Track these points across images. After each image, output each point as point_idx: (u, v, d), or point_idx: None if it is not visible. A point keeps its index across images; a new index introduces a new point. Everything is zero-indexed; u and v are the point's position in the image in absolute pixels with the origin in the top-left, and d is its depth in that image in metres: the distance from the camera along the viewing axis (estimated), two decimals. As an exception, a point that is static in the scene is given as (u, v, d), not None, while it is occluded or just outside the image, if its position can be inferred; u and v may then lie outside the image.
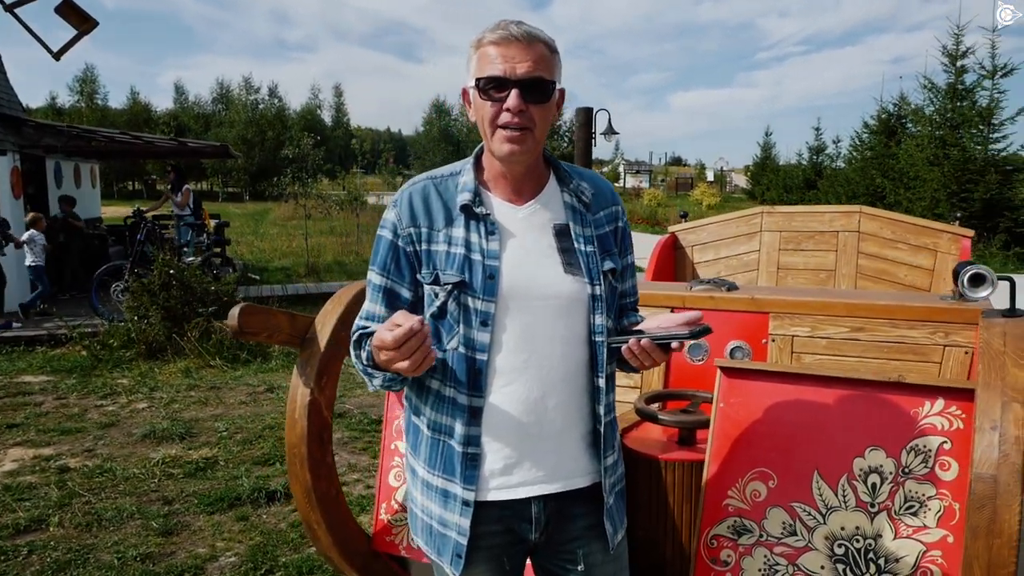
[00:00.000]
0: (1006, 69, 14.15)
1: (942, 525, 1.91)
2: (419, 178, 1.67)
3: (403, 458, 2.57)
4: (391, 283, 1.61)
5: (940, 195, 14.26)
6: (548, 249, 1.59)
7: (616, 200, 1.72)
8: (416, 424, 1.68)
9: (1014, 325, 1.72)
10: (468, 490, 1.56)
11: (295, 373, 2.36)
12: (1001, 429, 1.56)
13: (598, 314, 1.59)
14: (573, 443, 1.61)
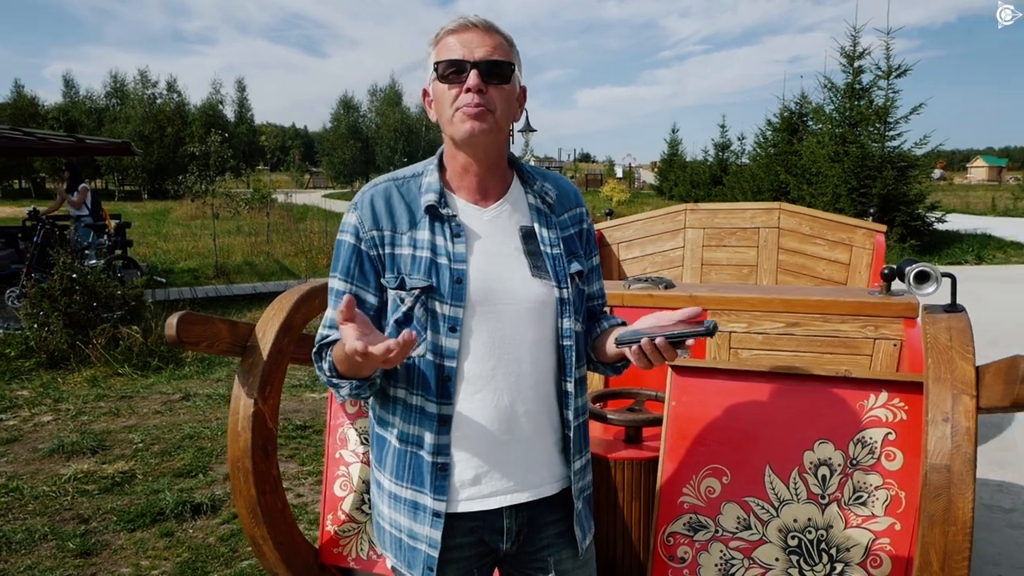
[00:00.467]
0: (900, 70, 14.91)
1: (889, 513, 1.98)
2: (380, 179, 1.62)
3: (348, 467, 2.51)
4: (355, 288, 1.55)
5: (841, 190, 14.91)
6: (515, 252, 1.56)
7: (580, 202, 1.71)
8: (381, 435, 1.62)
9: (957, 320, 1.79)
10: (439, 501, 1.52)
11: (236, 383, 2.26)
12: (953, 421, 1.62)
13: (566, 318, 1.57)
14: (543, 450, 1.59)
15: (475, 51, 1.47)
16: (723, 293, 3.07)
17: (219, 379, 6.80)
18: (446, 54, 1.49)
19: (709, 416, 2.16)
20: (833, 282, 4.75)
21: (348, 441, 2.52)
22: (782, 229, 4.87)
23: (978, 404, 1.63)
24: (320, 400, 6.12)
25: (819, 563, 2.00)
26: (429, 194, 1.54)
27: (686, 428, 2.18)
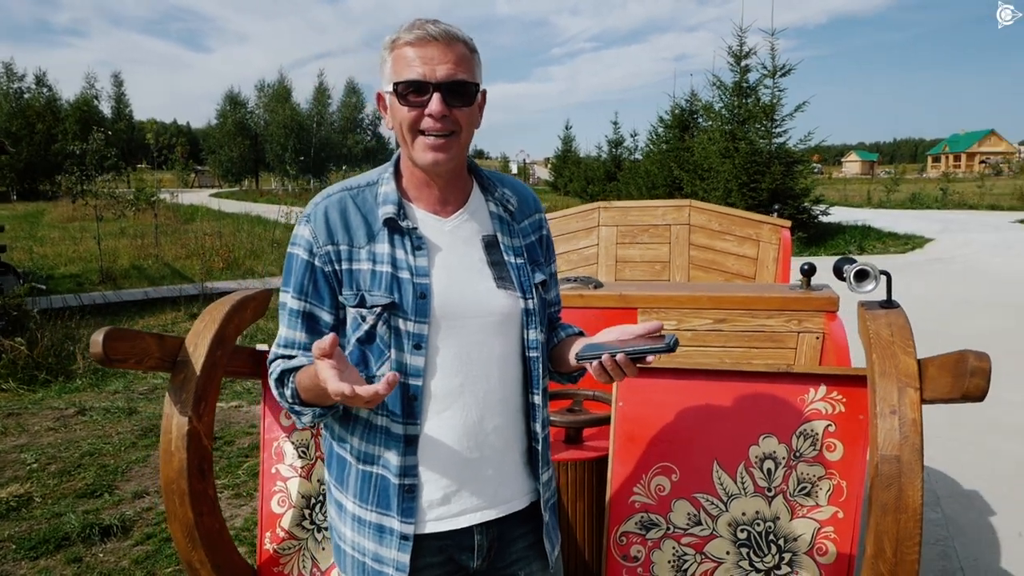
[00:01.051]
0: (784, 69, 15.62)
1: (832, 502, 2.06)
2: (333, 189, 1.53)
3: (286, 482, 2.42)
4: (310, 307, 1.48)
5: (732, 185, 15.50)
6: (479, 263, 1.52)
7: (539, 207, 1.68)
8: (342, 455, 1.55)
9: (895, 316, 1.88)
10: (406, 523, 1.47)
11: (167, 401, 2.13)
12: (900, 413, 1.69)
13: (532, 329, 1.54)
14: (512, 464, 1.56)
15: (437, 70, 1.39)
16: (652, 291, 3.12)
17: (116, 391, 6.44)
18: (406, 72, 1.41)
19: (656, 416, 2.19)
20: (742, 276, 4.92)
21: (285, 455, 2.42)
22: (692, 226, 4.99)
23: (922, 396, 1.71)
24: (226, 410, 5.88)
25: (768, 554, 2.06)
26: (387, 205, 1.47)
27: (634, 429, 2.20)
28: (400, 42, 1.43)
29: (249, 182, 57.95)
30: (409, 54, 1.41)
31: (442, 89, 1.39)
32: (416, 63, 1.40)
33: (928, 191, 32.28)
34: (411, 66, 1.40)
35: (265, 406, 2.46)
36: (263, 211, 26.23)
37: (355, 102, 60.05)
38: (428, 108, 1.40)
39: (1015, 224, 20.57)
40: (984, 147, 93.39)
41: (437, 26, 1.41)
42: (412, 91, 1.41)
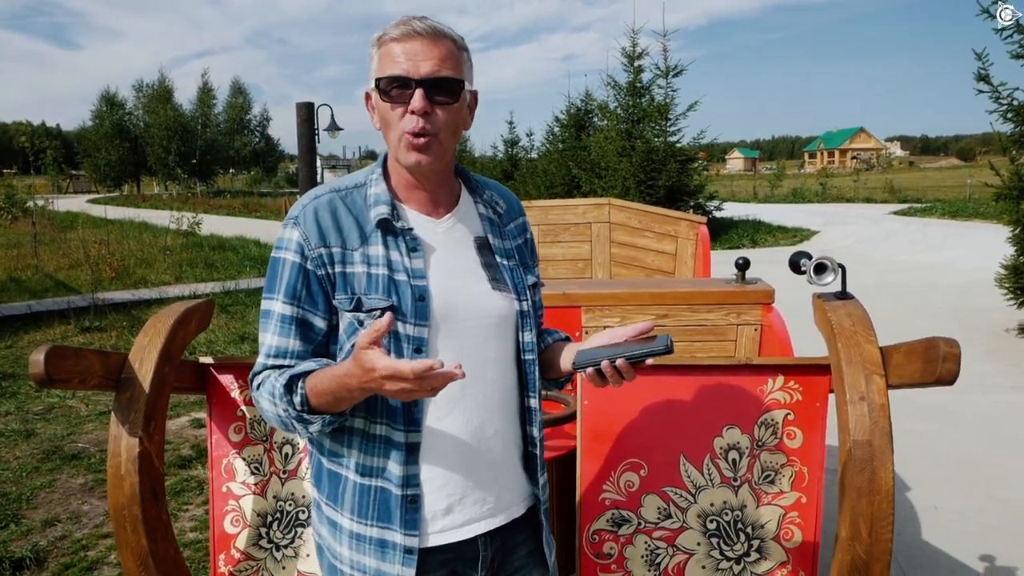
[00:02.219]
0: (677, 70, 16.11)
1: (796, 488, 2.13)
2: (321, 191, 1.47)
3: (239, 500, 2.31)
4: (303, 312, 1.41)
5: (630, 183, 15.87)
6: (473, 264, 1.49)
7: (523, 211, 1.67)
8: (335, 471, 1.48)
9: (854, 307, 1.96)
10: (410, 536, 1.42)
11: (114, 421, 2.00)
12: (868, 399, 1.77)
13: (527, 331, 1.52)
14: (512, 470, 1.53)
15: (420, 66, 1.35)
16: (595, 289, 3.15)
17: (7, 412, 5.99)
18: (389, 67, 1.37)
19: (621, 412, 2.21)
20: (662, 272, 5.04)
21: (236, 472, 2.31)
22: (613, 223, 5.08)
23: (888, 383, 1.79)
24: (136, 427, 5.57)
25: (737, 542, 2.11)
26: (380, 206, 1.43)
27: (599, 426, 2.21)
28: (386, 38, 1.39)
29: (130, 187, 55.18)
30: (394, 50, 1.37)
31: (425, 85, 1.36)
32: (400, 59, 1.36)
33: (809, 186, 34.02)
34: (395, 62, 1.37)
35: (211, 422, 2.34)
36: (149, 217, 25.04)
37: (242, 103, 58.12)
38: (411, 104, 1.36)
39: (890, 216, 21.97)
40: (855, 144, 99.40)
41: (424, 22, 1.37)
42: (395, 87, 1.37)
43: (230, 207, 32.51)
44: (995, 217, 19.24)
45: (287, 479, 2.28)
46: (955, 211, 21.55)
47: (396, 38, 1.38)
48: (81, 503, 4.25)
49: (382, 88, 1.38)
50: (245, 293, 11.17)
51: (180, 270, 13.48)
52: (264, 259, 15.28)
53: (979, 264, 11.49)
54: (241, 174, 62.58)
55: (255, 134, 59.43)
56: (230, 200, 37.32)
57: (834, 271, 1.97)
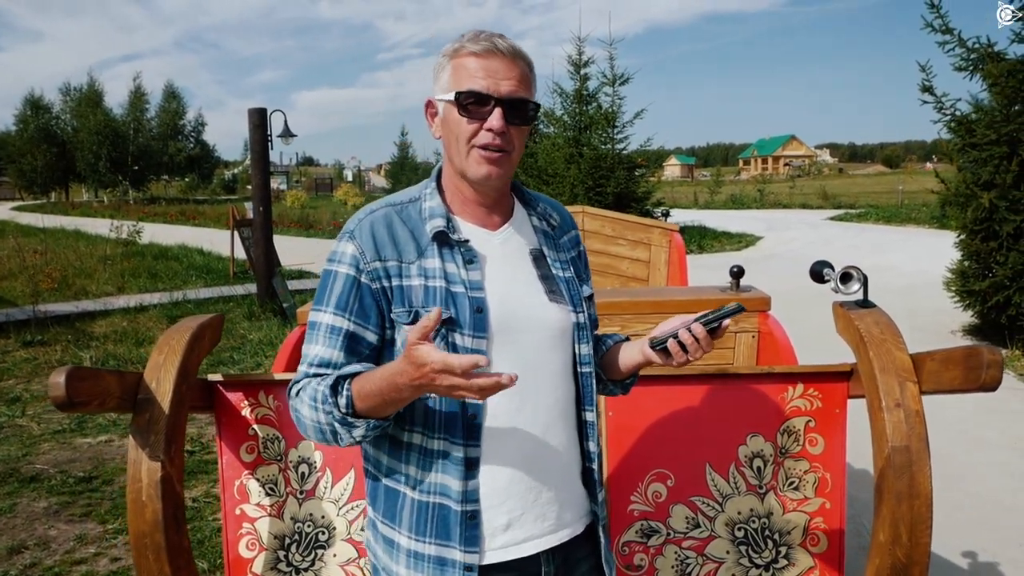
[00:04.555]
0: (623, 78, 16.29)
1: (820, 494, 2.16)
2: (376, 205, 1.47)
3: (254, 523, 2.23)
4: (354, 325, 1.39)
5: (579, 190, 15.97)
6: (529, 276, 1.48)
7: (575, 224, 1.66)
8: (392, 487, 1.45)
9: (880, 315, 2.00)
10: (470, 553, 1.38)
11: (132, 445, 1.91)
12: (904, 406, 1.80)
13: (583, 343, 1.51)
14: (571, 485, 1.51)
15: (501, 84, 1.36)
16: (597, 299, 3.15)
17: (-47, 434, 5.69)
18: (468, 82, 1.37)
19: (646, 423, 2.21)
20: (637, 279, 5.08)
21: (250, 494, 2.23)
22: (586, 231, 5.09)
23: (921, 389, 1.83)
24: (95, 446, 5.37)
25: (765, 549, 2.13)
26: (436, 219, 1.42)
27: (625, 437, 2.21)
28: (464, 51, 1.39)
29: (58, 194, 53.19)
30: (472, 65, 1.37)
31: (504, 105, 1.36)
32: (480, 75, 1.36)
33: (747, 192, 34.82)
34: (474, 77, 1.37)
35: (221, 442, 2.26)
36: (81, 225, 24.20)
37: (175, 107, 56.54)
38: (488, 122, 1.37)
39: (827, 221, 22.66)
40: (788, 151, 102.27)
41: (504, 41, 1.38)
42: (473, 102, 1.37)
43: (166, 215, 31.62)
44: (927, 222, 20.04)
45: (305, 499, 2.21)
46: (889, 216, 22.35)
47: (476, 53, 1.38)
48: (47, 528, 4.06)
49: (460, 102, 1.37)
50: (194, 303, 10.88)
51: (122, 280, 13.04)
52: (208, 268, 14.91)
53: (920, 267, 11.93)
54: (175, 181, 60.97)
55: (190, 140, 57.85)
56: (166, 207, 36.34)
57: (859, 280, 2.01)
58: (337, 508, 2.20)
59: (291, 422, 2.21)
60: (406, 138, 46.32)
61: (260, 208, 9.66)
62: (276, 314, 9.71)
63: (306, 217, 28.30)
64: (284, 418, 2.24)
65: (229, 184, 65.86)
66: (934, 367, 1.81)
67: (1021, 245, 6.97)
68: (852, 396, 2.17)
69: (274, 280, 9.81)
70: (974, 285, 7.50)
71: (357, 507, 2.19)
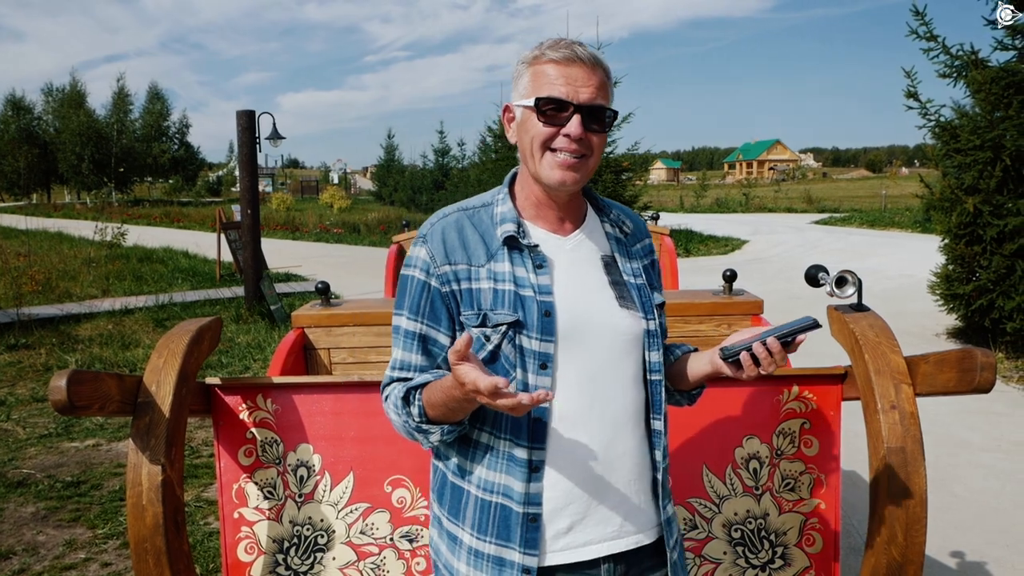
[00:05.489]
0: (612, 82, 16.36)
1: (815, 495, 2.19)
2: (448, 210, 1.51)
3: (252, 527, 2.23)
4: (426, 328, 1.44)
5: (567, 194, 16.02)
6: (599, 282, 1.49)
7: (648, 233, 1.66)
8: (459, 485, 1.48)
9: (874, 318, 2.03)
10: (529, 555, 1.39)
11: (132, 448, 1.91)
12: (899, 408, 1.83)
13: (653, 351, 1.50)
14: (639, 493, 1.48)
15: (580, 92, 1.38)
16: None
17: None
18: (547, 88, 1.39)
19: (643, 425, 2.22)
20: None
21: (248, 497, 2.23)
22: None
23: (916, 391, 1.86)
24: (82, 450, 5.33)
25: (762, 550, 2.15)
26: (506, 224, 1.45)
27: (622, 439, 2.22)
28: (543, 59, 1.41)
29: (39, 195, 52.69)
30: (552, 72, 1.40)
31: (583, 111, 1.39)
32: (559, 82, 1.39)
33: (732, 196, 35.02)
34: (554, 84, 1.39)
35: (219, 445, 2.26)
36: (63, 227, 24.02)
37: (160, 109, 56.15)
38: (566, 128, 1.39)
39: (812, 225, 22.84)
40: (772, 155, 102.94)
41: (584, 49, 1.40)
42: (553, 108, 1.39)
43: (150, 217, 31.43)
44: (911, 227, 20.24)
45: (303, 503, 2.21)
46: (872, 221, 22.55)
47: (556, 60, 1.40)
48: (36, 533, 4.03)
49: (539, 107, 1.40)
50: (180, 307, 10.82)
51: (107, 283, 12.96)
52: (194, 271, 14.85)
53: (904, 271, 12.05)
54: (159, 183, 60.57)
55: (174, 141, 57.44)
56: (150, 209, 36.10)
57: (854, 284, 2.03)
58: (336, 511, 2.20)
59: (289, 425, 2.24)
60: (393, 141, 46.13)
61: (248, 211, 9.63)
62: (264, 317, 9.67)
63: (292, 220, 28.21)
64: (282, 421, 2.24)
65: (214, 186, 65.46)
66: (928, 369, 1.84)
67: (1004, 249, 7.06)
68: (846, 398, 2.20)
69: (262, 283, 9.78)
70: (958, 289, 7.58)
71: (356, 510, 2.20)
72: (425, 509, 2.19)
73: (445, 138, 32.79)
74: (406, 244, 5.13)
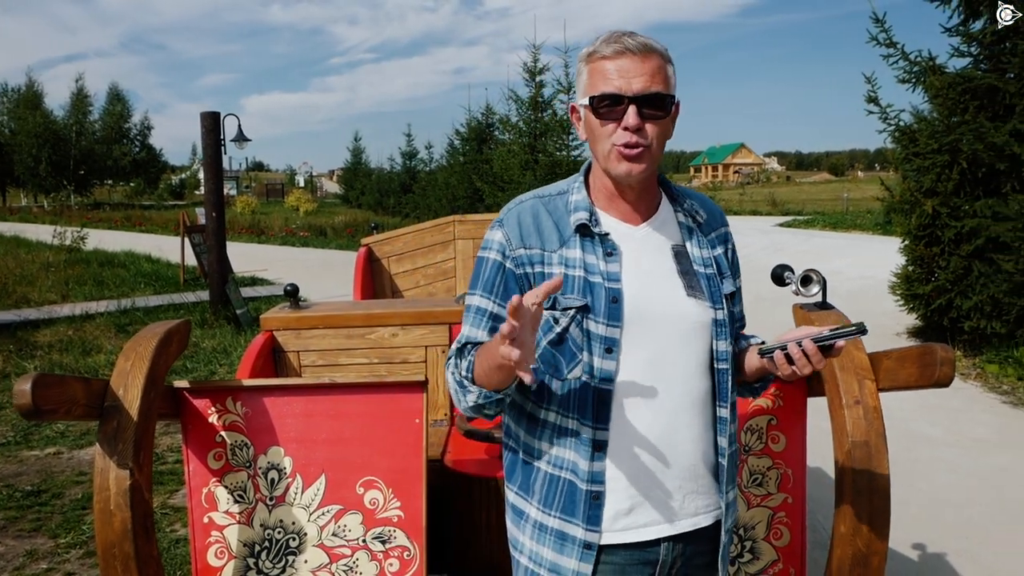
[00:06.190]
0: (578, 86, 16.45)
1: (782, 490, 2.23)
2: (525, 196, 1.57)
3: (223, 531, 2.22)
4: (498, 307, 1.49)
5: (534, 196, 16.05)
6: (668, 271, 1.52)
7: (725, 222, 1.68)
8: (527, 461, 1.54)
9: (838, 316, 2.07)
10: (591, 531, 1.45)
11: (99, 453, 1.88)
12: (863, 403, 1.88)
13: (721, 340, 1.52)
14: (700, 477, 1.52)
15: (632, 83, 1.41)
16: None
17: None
18: (601, 85, 1.42)
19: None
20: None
21: (218, 501, 2.21)
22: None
23: (879, 386, 1.91)
24: (43, 458, 5.23)
25: (731, 544, 2.18)
26: (580, 212, 1.50)
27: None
28: (596, 55, 1.45)
29: (-8, 195, 51.53)
30: (606, 67, 1.43)
31: (637, 102, 1.41)
32: (612, 76, 1.42)
33: (697, 198, 35.26)
34: (607, 79, 1.43)
35: (188, 449, 2.24)
36: (20, 231, 23.50)
37: (120, 110, 55.19)
38: (624, 121, 1.42)
39: (777, 228, 23.15)
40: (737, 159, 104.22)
41: (634, 39, 1.42)
42: (607, 104, 1.43)
43: (111, 220, 30.83)
44: (871, 229, 20.61)
45: (275, 506, 2.20)
46: (835, 223, 22.93)
47: (607, 56, 1.43)
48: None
49: (595, 106, 1.44)
50: (143, 312, 10.65)
51: (67, 288, 12.70)
52: (158, 275, 14.61)
53: (864, 272, 12.26)
54: (120, 185, 59.53)
55: (135, 143, 56.48)
56: (110, 213, 35.39)
57: (819, 283, 2.07)
58: (308, 514, 2.19)
59: (260, 428, 2.23)
60: (359, 143, 45.82)
61: (213, 214, 9.50)
62: (230, 321, 9.55)
63: (257, 223, 27.86)
64: (252, 424, 2.23)
65: (177, 189, 64.42)
66: (891, 365, 1.89)
67: (962, 250, 7.23)
68: (812, 395, 2.25)
69: (227, 287, 9.66)
70: (918, 289, 7.75)
71: (328, 512, 2.19)
72: (397, 510, 2.19)
73: (413, 141, 32.56)
74: (375, 247, 5.12)
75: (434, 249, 5.21)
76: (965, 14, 7.52)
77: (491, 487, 2.54)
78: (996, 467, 4.90)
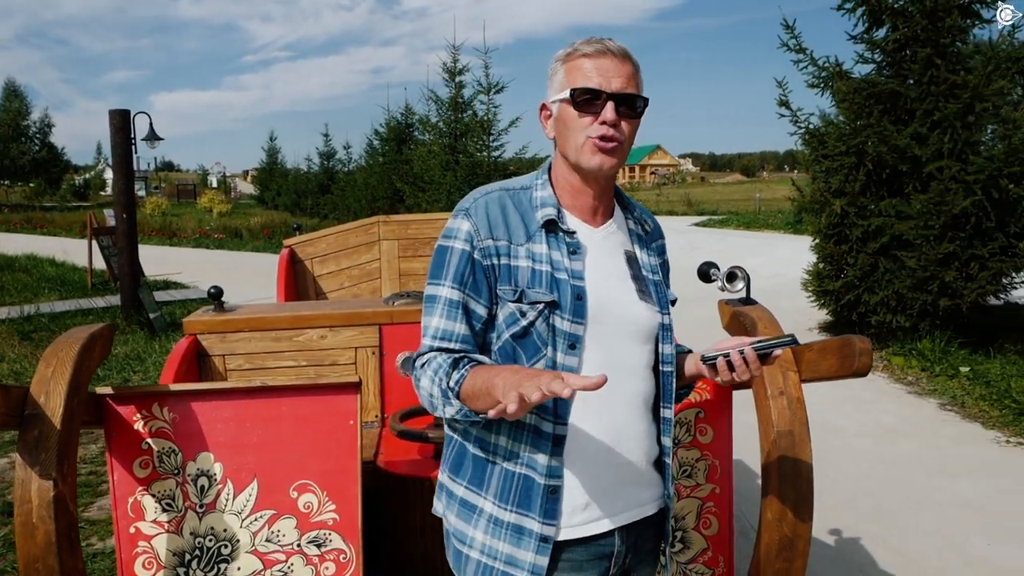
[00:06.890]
0: (498, 86, 16.48)
1: (711, 480, 2.30)
2: (491, 188, 1.57)
3: (150, 541, 2.15)
4: (468, 298, 1.49)
5: (455, 197, 16.03)
6: (623, 274, 1.58)
7: (663, 234, 1.75)
8: (481, 457, 1.53)
9: (761, 311, 2.16)
10: (548, 525, 1.47)
11: (19, 463, 1.81)
12: (787, 394, 1.96)
13: (667, 343, 1.59)
14: (647, 472, 1.59)
15: (612, 81, 1.47)
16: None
17: None
18: (582, 80, 1.48)
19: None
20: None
21: (145, 511, 2.15)
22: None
23: (801, 378, 1.99)
24: (-53, 472, 4.94)
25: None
26: (547, 208, 1.53)
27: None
28: (577, 54, 1.51)
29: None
30: (586, 65, 1.49)
31: (616, 99, 1.47)
32: (593, 74, 1.48)
33: (616, 199, 35.86)
34: (587, 76, 1.48)
35: (112, 458, 2.17)
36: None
37: (18, 107, 52.55)
38: (601, 115, 1.47)
39: (692, 227, 23.77)
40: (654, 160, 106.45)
41: (614, 43, 1.50)
42: (588, 98, 1.47)
43: (10, 223, 29.30)
44: (783, 228, 21.38)
45: (205, 513, 2.15)
46: (748, 223, 23.70)
47: (588, 54, 1.50)
48: None
49: (575, 98, 1.48)
50: (48, 318, 10.16)
51: (-37, 294, 12.02)
52: (63, 279, 13.96)
53: (778, 271, 12.71)
54: (19, 186, 56.64)
55: (34, 142, 53.91)
56: (8, 215, 33.62)
57: (743, 279, 2.16)
58: (240, 520, 2.15)
59: (188, 434, 2.17)
60: (275, 143, 44.81)
61: (124, 215, 9.15)
62: (143, 327, 9.22)
63: (169, 225, 26.94)
64: (180, 430, 2.17)
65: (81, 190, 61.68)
66: (812, 357, 1.98)
67: (868, 248, 7.58)
68: (736, 387, 2.33)
69: (139, 291, 9.32)
70: (828, 285, 8.09)
71: (261, 518, 2.15)
72: (332, 513, 2.17)
73: (330, 141, 32.09)
74: (298, 248, 5.04)
75: (359, 250, 5.15)
76: (869, 23, 7.90)
77: (425, 487, 2.54)
78: (903, 454, 5.16)
